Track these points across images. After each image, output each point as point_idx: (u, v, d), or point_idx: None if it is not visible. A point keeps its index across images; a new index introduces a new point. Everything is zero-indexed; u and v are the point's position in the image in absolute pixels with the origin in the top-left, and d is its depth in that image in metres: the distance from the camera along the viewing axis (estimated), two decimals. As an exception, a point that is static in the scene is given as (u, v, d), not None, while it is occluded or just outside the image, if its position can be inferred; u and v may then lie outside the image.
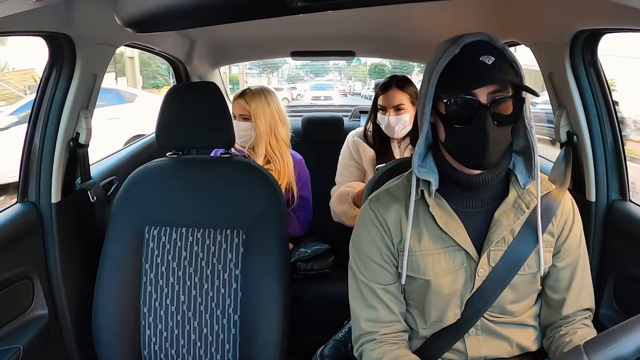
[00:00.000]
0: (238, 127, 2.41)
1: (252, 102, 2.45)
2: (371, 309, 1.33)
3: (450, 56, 1.19)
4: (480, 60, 1.17)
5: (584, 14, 1.52)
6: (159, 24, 0.79)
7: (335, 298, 1.76)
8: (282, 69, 32.22)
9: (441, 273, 1.28)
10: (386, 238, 1.32)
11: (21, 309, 1.72)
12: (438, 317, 1.32)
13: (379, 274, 1.33)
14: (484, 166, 1.23)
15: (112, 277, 1.70)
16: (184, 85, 2.80)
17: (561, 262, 1.33)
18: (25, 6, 1.29)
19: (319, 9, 0.74)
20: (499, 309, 1.31)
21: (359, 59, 28.86)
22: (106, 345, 1.68)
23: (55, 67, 1.77)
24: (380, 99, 2.38)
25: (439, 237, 1.29)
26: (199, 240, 1.71)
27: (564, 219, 1.33)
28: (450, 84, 1.19)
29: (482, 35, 1.21)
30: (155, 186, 1.77)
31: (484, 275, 1.28)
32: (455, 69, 1.19)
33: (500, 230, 1.27)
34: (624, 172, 1.73)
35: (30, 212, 1.77)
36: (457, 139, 1.22)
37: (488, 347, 1.33)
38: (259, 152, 2.46)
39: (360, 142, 2.47)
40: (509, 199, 1.29)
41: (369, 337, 1.33)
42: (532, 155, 1.25)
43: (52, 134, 1.79)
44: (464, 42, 1.19)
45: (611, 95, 1.72)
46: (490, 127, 1.17)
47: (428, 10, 2.11)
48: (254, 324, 1.64)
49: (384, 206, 1.33)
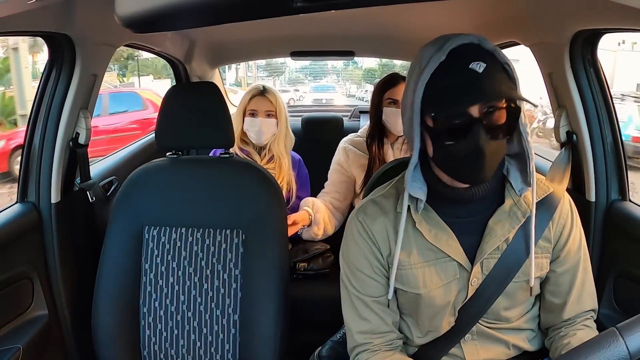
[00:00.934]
0: (265, 124, 2.46)
1: (274, 99, 2.49)
2: (364, 321, 1.30)
3: (436, 64, 1.09)
4: (469, 69, 1.06)
5: (584, 14, 1.52)
6: (158, 24, 0.79)
7: (334, 298, 1.76)
8: (285, 72, 32.59)
9: (433, 286, 1.24)
10: (375, 250, 1.28)
11: (21, 309, 1.72)
12: (432, 326, 1.30)
13: (370, 286, 1.29)
14: (478, 182, 1.16)
15: (111, 277, 1.70)
16: (183, 85, 2.81)
17: (561, 267, 1.28)
18: (24, 6, 1.29)
19: (319, 9, 0.74)
20: (494, 316, 1.28)
21: (355, 62, 29.03)
22: (106, 345, 1.68)
23: (55, 67, 1.77)
24: (390, 93, 2.37)
25: (430, 249, 1.24)
26: (199, 240, 1.71)
27: (562, 223, 1.27)
28: (438, 97, 1.09)
29: (470, 38, 1.10)
30: (155, 186, 1.76)
31: (477, 284, 1.24)
32: (442, 79, 1.09)
33: (494, 240, 1.22)
34: (624, 172, 1.73)
35: (30, 212, 1.77)
36: (447, 156, 1.13)
37: (485, 351, 1.31)
38: (274, 150, 2.50)
39: (351, 148, 2.48)
40: (504, 207, 1.24)
41: (363, 347, 1.31)
42: (527, 161, 1.19)
43: (52, 134, 1.79)
44: (451, 46, 1.09)
45: (611, 95, 1.72)
46: (484, 142, 1.07)
47: (428, 10, 2.12)
48: (253, 324, 1.64)
49: (370, 218, 1.28)
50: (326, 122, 3.22)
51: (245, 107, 2.48)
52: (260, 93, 2.50)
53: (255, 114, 2.47)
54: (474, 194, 1.19)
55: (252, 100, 2.49)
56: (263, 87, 2.54)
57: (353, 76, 32.81)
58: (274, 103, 2.49)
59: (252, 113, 2.47)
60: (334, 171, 2.53)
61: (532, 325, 1.34)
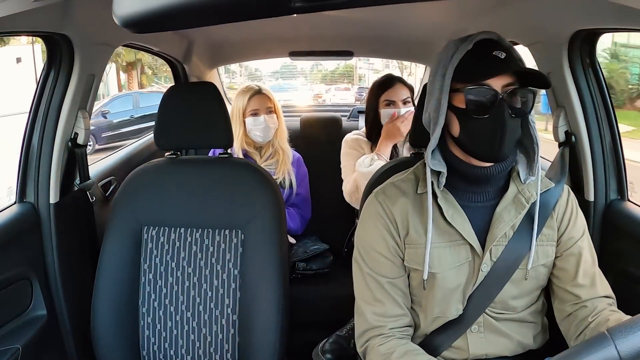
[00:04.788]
0: (270, 121, 2.51)
1: (270, 95, 2.56)
2: (378, 303, 1.32)
3: (464, 52, 1.22)
4: (493, 55, 1.20)
5: (582, 14, 1.52)
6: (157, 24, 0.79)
7: (334, 298, 1.77)
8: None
9: (446, 267, 1.29)
10: (393, 230, 1.32)
11: (20, 309, 1.72)
12: (440, 312, 1.32)
13: (385, 267, 1.33)
14: (499, 158, 1.24)
15: (110, 277, 1.69)
16: (182, 86, 2.81)
17: (566, 250, 1.33)
18: (23, 6, 1.29)
19: (317, 9, 0.74)
20: (502, 304, 1.32)
21: (321, 64, 29.22)
22: (105, 346, 1.68)
23: (53, 67, 1.77)
24: (387, 94, 2.36)
25: (445, 231, 1.30)
26: (198, 241, 1.71)
27: (563, 211, 1.35)
28: (466, 76, 1.22)
29: (491, 34, 1.25)
30: (154, 186, 1.76)
31: (486, 270, 1.29)
32: (470, 63, 1.22)
33: (502, 226, 1.29)
34: (623, 171, 1.73)
35: (28, 212, 1.77)
36: (474, 131, 1.23)
37: (490, 345, 1.33)
38: (276, 144, 2.56)
39: (362, 138, 2.46)
40: (508, 194, 1.31)
41: (376, 331, 1.32)
42: (535, 150, 1.28)
43: (51, 135, 1.79)
44: (476, 39, 1.24)
45: (610, 95, 1.72)
46: (508, 117, 1.20)
47: (426, 10, 2.12)
48: (252, 324, 1.64)
49: (390, 199, 1.34)
50: (325, 122, 3.22)
51: (245, 109, 2.49)
52: (258, 92, 2.53)
53: (258, 112, 2.50)
54: (491, 173, 1.27)
55: (252, 100, 2.51)
56: (257, 86, 2.57)
57: (318, 78, 33.13)
58: (272, 99, 2.54)
59: (254, 113, 2.49)
60: (345, 154, 2.48)
61: (536, 318, 1.37)
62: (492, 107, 1.20)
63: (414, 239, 1.31)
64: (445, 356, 1.35)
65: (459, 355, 1.35)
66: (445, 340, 1.34)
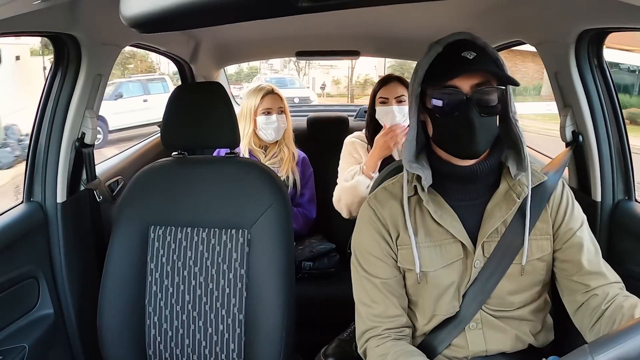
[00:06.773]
0: (281, 120, 2.56)
1: (281, 95, 2.60)
2: (374, 304, 1.35)
3: (435, 55, 1.27)
4: (462, 56, 1.23)
5: (590, 13, 1.51)
6: (164, 24, 0.79)
7: (340, 297, 1.76)
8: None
9: (437, 265, 1.32)
10: (385, 233, 1.36)
11: (27, 308, 1.73)
12: (436, 310, 1.34)
13: (380, 269, 1.36)
14: (472, 154, 1.27)
15: (117, 276, 1.70)
16: (189, 86, 2.81)
17: (566, 242, 1.33)
18: (30, 7, 1.30)
19: (323, 8, 0.74)
20: (498, 300, 1.32)
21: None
22: (111, 345, 1.68)
23: (60, 67, 1.77)
24: (382, 92, 2.40)
25: (435, 230, 1.33)
26: (204, 240, 1.72)
27: (558, 202, 1.36)
28: (434, 78, 1.26)
29: (464, 35, 1.28)
30: (161, 186, 1.77)
31: (479, 266, 1.31)
32: (439, 65, 1.26)
33: (493, 222, 1.31)
34: (630, 171, 1.72)
35: (35, 211, 1.78)
36: (444, 131, 1.28)
37: (490, 341, 1.34)
38: (283, 143, 2.60)
39: (358, 142, 2.49)
40: (500, 191, 1.33)
41: (373, 332, 1.34)
42: (520, 146, 1.30)
43: (58, 134, 1.80)
44: (447, 41, 1.27)
45: (617, 95, 1.71)
46: (475, 117, 1.22)
47: (433, 9, 2.11)
48: (258, 323, 1.64)
49: (381, 203, 1.39)
50: (332, 122, 3.22)
51: (257, 108, 2.52)
52: (271, 92, 2.57)
53: (270, 111, 2.54)
54: (475, 171, 1.30)
55: (264, 99, 2.55)
56: (267, 86, 2.60)
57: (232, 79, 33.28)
58: (283, 100, 2.59)
59: (267, 111, 2.53)
60: (342, 157, 2.52)
61: (536, 317, 1.37)
62: (458, 107, 1.23)
63: (404, 240, 1.34)
64: (446, 354, 1.37)
65: (459, 353, 1.36)
66: (444, 338, 1.35)
